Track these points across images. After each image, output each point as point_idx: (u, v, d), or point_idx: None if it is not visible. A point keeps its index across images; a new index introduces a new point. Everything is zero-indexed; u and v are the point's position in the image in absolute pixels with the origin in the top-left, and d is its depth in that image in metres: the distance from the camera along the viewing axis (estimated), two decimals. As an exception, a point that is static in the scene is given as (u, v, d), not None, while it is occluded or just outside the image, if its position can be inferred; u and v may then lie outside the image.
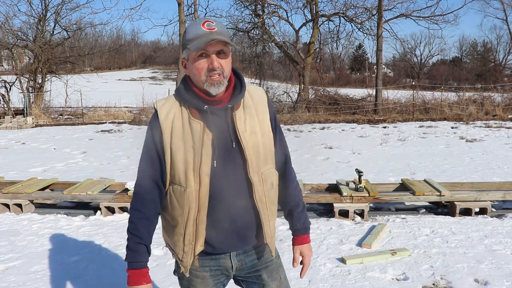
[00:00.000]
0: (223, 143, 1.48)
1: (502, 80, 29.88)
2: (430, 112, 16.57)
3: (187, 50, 1.46)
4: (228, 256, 1.58)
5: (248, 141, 1.49)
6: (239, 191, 1.50)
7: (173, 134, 1.47)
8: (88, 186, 5.09)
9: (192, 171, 1.45)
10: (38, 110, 16.48)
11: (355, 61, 53.60)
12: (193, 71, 1.47)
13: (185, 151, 1.46)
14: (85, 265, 3.40)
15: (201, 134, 1.45)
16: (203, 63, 1.44)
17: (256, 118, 1.53)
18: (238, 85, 1.54)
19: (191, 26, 1.47)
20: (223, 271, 1.60)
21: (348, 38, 21.19)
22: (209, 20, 1.45)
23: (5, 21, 17.79)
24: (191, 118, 1.47)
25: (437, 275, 3.16)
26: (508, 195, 4.76)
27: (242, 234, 1.55)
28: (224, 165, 1.48)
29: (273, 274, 1.67)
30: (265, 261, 1.65)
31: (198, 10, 18.17)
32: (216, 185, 1.47)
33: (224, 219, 1.51)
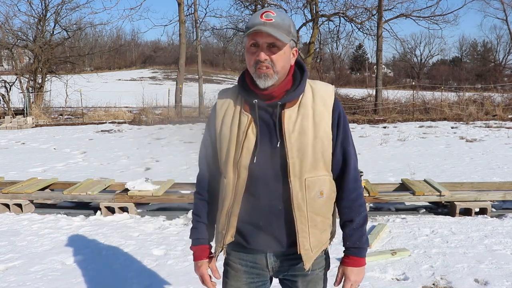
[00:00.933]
0: (267, 140, 1.43)
1: (502, 80, 29.89)
2: (430, 112, 16.58)
3: (244, 38, 1.42)
4: (264, 256, 1.52)
5: (294, 143, 1.40)
6: (276, 193, 1.43)
7: (223, 123, 1.48)
8: (88, 186, 5.09)
9: (232, 163, 1.44)
10: (38, 110, 16.48)
11: (355, 61, 53.62)
12: (247, 59, 1.42)
13: (229, 141, 1.45)
14: (85, 265, 3.40)
15: (246, 127, 1.42)
16: (252, 53, 1.39)
17: (311, 119, 1.42)
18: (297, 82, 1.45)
19: (253, 14, 1.41)
20: (258, 270, 1.54)
21: (348, 38, 21.31)
22: (269, 11, 1.38)
23: (5, 21, 17.82)
24: (242, 110, 1.45)
25: (437, 275, 3.16)
26: (508, 195, 4.76)
27: (278, 237, 1.47)
28: (265, 163, 1.42)
29: (309, 285, 1.57)
30: (303, 270, 1.52)
31: (198, 10, 18.19)
32: (254, 181, 1.43)
33: (259, 217, 1.46)
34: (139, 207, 4.97)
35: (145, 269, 3.32)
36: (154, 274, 3.22)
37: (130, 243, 3.85)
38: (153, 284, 3.08)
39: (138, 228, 4.28)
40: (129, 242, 3.88)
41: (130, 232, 4.17)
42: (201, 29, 19.17)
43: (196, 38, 18.40)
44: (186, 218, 4.55)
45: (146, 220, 4.51)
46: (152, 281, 3.12)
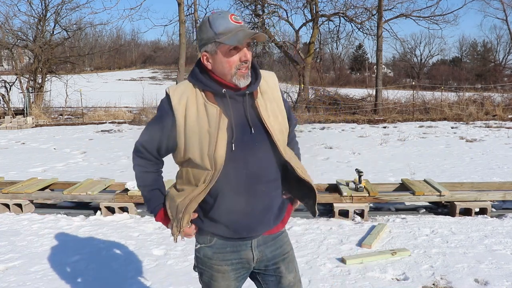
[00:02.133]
0: (241, 128, 1.50)
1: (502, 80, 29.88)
2: (430, 112, 16.57)
3: (217, 43, 1.45)
4: (249, 247, 1.59)
5: (274, 126, 1.53)
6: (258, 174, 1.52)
7: (187, 117, 1.48)
8: (88, 186, 5.09)
9: (207, 156, 1.47)
10: (38, 110, 16.47)
11: (355, 61, 53.58)
12: (223, 64, 1.47)
13: (200, 135, 1.47)
14: (85, 265, 3.40)
15: (217, 118, 1.46)
16: (235, 56, 1.46)
17: (274, 103, 1.58)
18: (253, 74, 1.56)
19: (218, 19, 1.46)
20: (244, 264, 1.62)
21: (348, 38, 21.24)
22: (232, 14, 1.48)
23: (5, 21, 17.81)
24: (207, 101, 1.49)
25: (437, 275, 3.16)
26: (508, 195, 4.76)
27: (264, 217, 1.57)
28: (243, 150, 1.49)
29: (289, 266, 1.69)
30: (283, 253, 1.66)
31: (198, 10, 18.21)
32: (235, 169, 1.49)
33: (243, 202, 1.52)
34: (139, 207, 4.96)
35: (145, 269, 3.32)
36: (154, 274, 3.22)
37: (130, 243, 3.85)
38: (153, 284, 3.08)
39: (138, 228, 4.28)
40: (129, 242, 3.88)
41: (130, 232, 4.17)
42: (201, 29, 19.16)
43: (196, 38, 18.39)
44: None
45: (146, 220, 4.51)
46: (152, 281, 3.12)
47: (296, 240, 3.89)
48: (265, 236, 1.62)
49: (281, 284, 1.66)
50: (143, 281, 3.12)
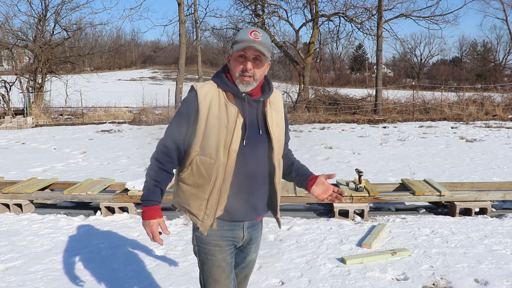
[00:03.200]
0: (252, 128, 1.78)
1: (502, 80, 29.88)
2: (430, 112, 16.57)
3: (232, 49, 1.77)
4: (241, 228, 1.87)
5: (275, 132, 1.82)
6: (260, 171, 1.82)
7: (210, 112, 1.73)
8: (88, 186, 5.09)
9: (222, 147, 1.72)
10: (38, 110, 16.48)
11: (355, 61, 53.57)
12: (232, 67, 1.77)
13: (219, 128, 1.72)
14: (85, 265, 3.40)
15: (235, 117, 1.73)
16: (240, 63, 1.74)
17: (278, 115, 1.88)
18: (266, 86, 1.86)
19: (242, 31, 1.78)
20: (235, 242, 1.89)
21: (348, 38, 21.31)
22: (257, 30, 1.76)
23: (5, 21, 17.82)
24: (227, 101, 1.75)
25: (437, 275, 3.16)
26: (508, 195, 4.76)
27: (256, 206, 1.86)
28: (251, 147, 1.77)
29: (257, 247, 2.04)
30: (258, 236, 2.01)
31: (198, 10, 18.21)
32: (242, 162, 1.75)
33: (245, 191, 1.80)
34: (139, 207, 4.96)
35: (145, 269, 3.32)
36: (154, 274, 3.22)
37: (130, 243, 3.85)
38: (153, 284, 3.08)
39: (138, 228, 4.28)
40: (129, 242, 3.88)
41: (130, 232, 4.17)
42: (201, 29, 19.20)
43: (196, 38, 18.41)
44: (186, 218, 4.55)
45: (146, 220, 4.50)
46: (152, 281, 3.12)
47: (296, 240, 3.89)
48: (253, 221, 1.92)
49: (245, 260, 2.02)
50: (143, 281, 3.12)
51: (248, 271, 2.08)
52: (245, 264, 2.03)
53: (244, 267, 2.04)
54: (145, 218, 1.78)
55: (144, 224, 1.80)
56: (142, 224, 1.81)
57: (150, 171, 1.81)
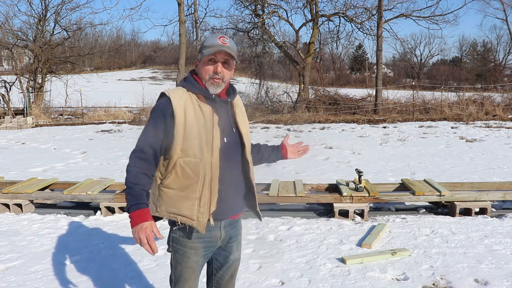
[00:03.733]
0: (227, 126, 1.86)
1: (502, 80, 29.87)
2: (430, 112, 16.57)
3: (202, 53, 1.84)
4: (218, 228, 1.89)
5: (243, 129, 1.92)
6: (238, 167, 1.90)
7: (187, 114, 1.77)
8: (88, 186, 5.09)
9: (205, 145, 1.77)
10: (38, 110, 16.48)
11: (355, 61, 53.56)
12: (201, 71, 1.85)
13: (198, 128, 1.78)
14: (85, 265, 3.40)
15: (211, 115, 1.80)
16: (210, 66, 1.83)
17: (243, 115, 1.98)
18: (231, 89, 1.96)
19: (210, 37, 1.86)
20: (212, 243, 1.91)
21: (348, 38, 21.19)
22: (224, 36, 1.86)
23: (5, 21, 17.82)
24: (200, 102, 1.82)
25: (437, 275, 3.16)
26: (508, 195, 4.76)
27: (234, 203, 1.91)
28: (229, 143, 1.85)
29: (238, 245, 2.06)
30: (238, 234, 2.03)
31: (198, 10, 18.21)
32: (224, 158, 1.81)
33: (228, 189, 1.85)
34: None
35: (145, 269, 3.32)
36: (154, 274, 3.22)
37: (130, 243, 3.85)
38: (153, 284, 3.08)
39: (138, 228, 4.28)
40: (129, 242, 3.88)
41: (130, 232, 4.16)
42: (201, 29, 19.20)
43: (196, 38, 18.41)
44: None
45: (146, 220, 4.50)
46: (152, 281, 3.12)
47: (296, 240, 3.89)
48: (230, 219, 1.94)
49: (228, 259, 2.02)
50: (143, 281, 3.12)
51: (233, 271, 2.08)
52: (229, 263, 2.04)
53: (228, 266, 2.04)
54: (136, 222, 1.65)
55: (135, 230, 1.65)
56: (133, 232, 1.66)
57: (130, 179, 1.72)
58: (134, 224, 1.65)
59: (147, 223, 1.66)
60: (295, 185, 5.01)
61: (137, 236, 1.65)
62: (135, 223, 1.65)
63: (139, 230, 1.65)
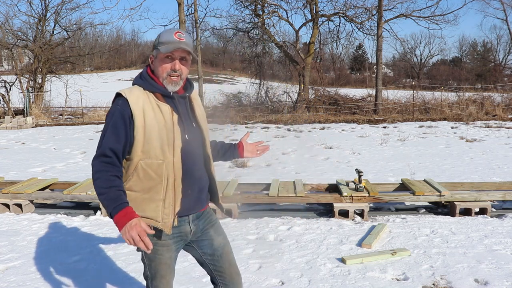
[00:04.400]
0: (188, 122, 1.85)
1: (502, 80, 29.88)
2: (430, 112, 16.57)
3: (157, 50, 1.78)
4: (187, 222, 1.88)
5: (202, 124, 1.93)
6: (200, 162, 1.90)
7: (146, 115, 1.73)
8: (88, 186, 5.09)
9: (167, 146, 1.74)
10: (38, 110, 16.48)
11: (355, 61, 53.56)
12: (158, 68, 1.80)
13: (159, 129, 1.74)
14: (85, 265, 3.40)
15: (170, 115, 1.77)
16: (167, 64, 1.78)
17: (200, 108, 1.97)
18: (188, 84, 1.93)
19: (165, 32, 1.80)
20: (182, 237, 1.90)
21: (348, 38, 21.15)
22: (180, 31, 1.80)
23: (5, 21, 17.82)
24: (158, 101, 1.77)
25: (437, 275, 3.16)
26: (508, 195, 4.76)
27: (199, 197, 1.91)
28: (191, 140, 1.83)
29: (218, 229, 2.02)
30: (212, 221, 2.00)
31: (198, 10, 18.19)
32: (186, 156, 1.80)
33: (192, 185, 1.85)
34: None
35: (145, 269, 3.32)
36: (154, 274, 3.21)
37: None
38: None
39: (138, 228, 4.28)
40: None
41: (130, 232, 4.16)
42: (201, 29, 19.17)
43: (196, 38, 18.39)
44: None
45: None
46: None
47: (296, 240, 3.89)
48: (198, 213, 1.93)
49: (213, 246, 1.98)
50: (143, 281, 3.12)
51: (228, 257, 1.99)
52: (219, 251, 1.97)
53: (220, 255, 1.97)
54: (123, 223, 1.58)
55: (124, 231, 1.57)
56: (122, 235, 1.58)
57: (102, 184, 1.64)
58: (121, 226, 1.58)
59: (134, 220, 1.59)
60: (295, 185, 5.02)
61: (129, 236, 1.57)
62: (122, 224, 1.58)
63: (129, 229, 1.57)
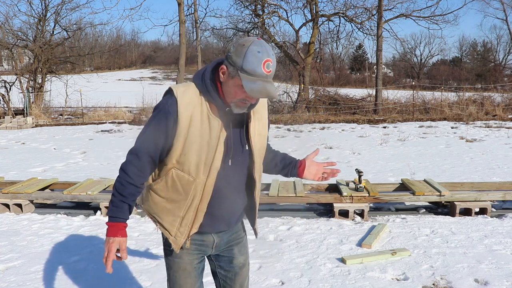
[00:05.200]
0: (237, 143, 1.64)
1: (502, 80, 29.87)
2: (430, 112, 16.57)
3: (236, 72, 1.48)
4: (210, 235, 1.75)
5: (256, 144, 1.68)
6: (239, 187, 1.71)
7: (191, 126, 1.55)
8: (88, 186, 5.09)
9: (203, 165, 1.58)
10: (38, 110, 16.47)
11: (355, 61, 53.54)
12: (230, 89, 1.53)
13: (200, 144, 1.56)
14: (85, 265, 3.40)
15: (218, 132, 1.56)
16: (241, 92, 1.50)
17: (261, 122, 1.72)
18: None
19: (253, 55, 1.46)
20: (204, 247, 1.76)
21: (348, 38, 21.26)
22: (270, 59, 1.47)
23: (5, 21, 17.81)
24: (210, 114, 1.57)
25: (437, 275, 3.16)
26: (508, 195, 4.76)
27: (228, 220, 1.75)
28: (234, 164, 1.64)
29: (242, 249, 1.87)
30: (238, 237, 1.85)
31: (198, 10, 18.21)
32: (223, 180, 1.63)
33: (219, 208, 1.68)
34: (139, 207, 4.96)
35: (145, 269, 3.32)
36: (154, 274, 3.22)
37: (130, 243, 3.85)
38: (153, 284, 3.08)
39: (138, 228, 4.28)
40: (129, 242, 3.88)
41: (130, 232, 4.16)
42: (201, 29, 19.20)
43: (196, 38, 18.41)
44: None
45: (146, 220, 4.51)
46: (152, 281, 3.12)
47: (296, 240, 3.89)
48: None
49: (232, 264, 1.84)
50: (143, 281, 3.12)
51: (242, 279, 1.88)
52: (235, 270, 1.85)
53: (235, 275, 1.85)
54: (111, 233, 1.61)
55: (107, 240, 1.61)
56: (105, 241, 1.63)
57: (117, 184, 1.63)
58: (107, 234, 1.62)
59: (117, 239, 1.60)
60: (295, 185, 5.02)
61: (105, 247, 1.61)
62: (108, 234, 1.61)
63: (106, 242, 1.61)
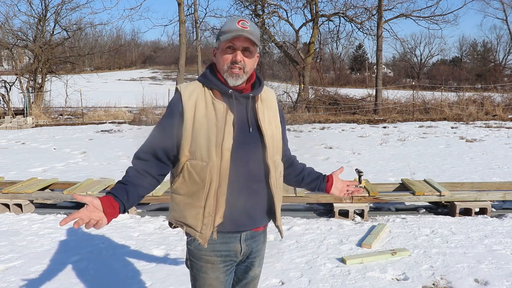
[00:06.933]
0: (241, 126, 1.62)
1: (502, 80, 29.87)
2: (430, 112, 16.58)
3: (219, 40, 1.62)
4: (238, 240, 1.68)
5: (267, 130, 1.66)
6: (252, 173, 1.64)
7: (196, 111, 1.59)
8: (88, 186, 5.09)
9: (214, 147, 1.56)
10: (38, 110, 16.47)
11: (355, 61, 53.54)
12: (219, 60, 1.63)
13: (208, 127, 1.57)
14: (85, 265, 3.40)
15: (224, 113, 1.58)
16: (228, 55, 1.60)
17: (271, 112, 1.72)
18: (257, 83, 1.71)
19: (228, 21, 1.63)
20: (231, 257, 1.69)
21: (348, 38, 21.24)
22: (244, 19, 1.61)
23: (5, 21, 17.82)
24: (214, 99, 1.61)
25: (437, 275, 3.16)
26: (508, 195, 4.76)
27: (252, 213, 1.66)
28: (241, 146, 1.61)
29: (261, 261, 1.84)
30: (261, 249, 1.81)
31: (198, 10, 18.20)
32: (236, 162, 1.59)
33: (238, 196, 1.61)
34: (139, 207, 4.96)
35: (145, 269, 3.32)
36: (154, 274, 3.22)
37: (130, 243, 3.85)
38: (153, 284, 3.08)
39: (138, 228, 4.28)
40: (129, 242, 3.88)
41: (130, 232, 4.17)
42: (201, 29, 19.19)
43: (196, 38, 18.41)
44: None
45: (146, 220, 4.51)
46: (152, 281, 3.12)
47: (296, 240, 3.89)
48: (253, 232, 1.72)
49: (247, 274, 1.81)
50: (143, 281, 3.12)
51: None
52: (248, 280, 1.83)
53: (246, 283, 1.84)
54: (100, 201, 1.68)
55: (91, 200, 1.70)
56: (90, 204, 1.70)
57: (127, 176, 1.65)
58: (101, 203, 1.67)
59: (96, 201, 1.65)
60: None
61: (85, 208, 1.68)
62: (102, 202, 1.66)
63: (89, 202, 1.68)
